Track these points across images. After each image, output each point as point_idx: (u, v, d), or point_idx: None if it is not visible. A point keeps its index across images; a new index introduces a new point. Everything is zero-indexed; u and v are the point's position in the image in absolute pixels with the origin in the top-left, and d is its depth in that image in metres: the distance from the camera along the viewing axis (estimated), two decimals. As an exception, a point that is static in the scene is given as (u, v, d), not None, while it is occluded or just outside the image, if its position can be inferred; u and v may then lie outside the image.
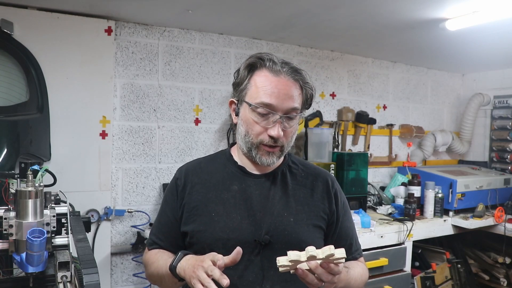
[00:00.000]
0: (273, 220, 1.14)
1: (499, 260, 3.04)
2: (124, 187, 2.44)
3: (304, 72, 1.18)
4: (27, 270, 1.13)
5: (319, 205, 1.22)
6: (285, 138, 1.14)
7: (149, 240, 1.29)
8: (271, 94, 1.10)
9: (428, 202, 2.85)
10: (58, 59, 2.19)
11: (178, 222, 1.22)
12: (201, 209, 1.17)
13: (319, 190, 1.24)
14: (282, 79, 1.12)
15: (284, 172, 1.23)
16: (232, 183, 1.20)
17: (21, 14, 2.09)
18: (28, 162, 1.46)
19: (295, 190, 1.21)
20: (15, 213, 1.16)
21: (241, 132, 1.17)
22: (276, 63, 1.14)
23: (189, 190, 1.21)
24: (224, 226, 1.13)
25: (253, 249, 1.11)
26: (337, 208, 1.25)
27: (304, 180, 1.25)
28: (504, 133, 3.51)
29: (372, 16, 2.23)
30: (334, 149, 3.01)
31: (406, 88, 3.58)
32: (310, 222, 1.18)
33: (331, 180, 1.27)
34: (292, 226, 1.15)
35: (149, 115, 2.50)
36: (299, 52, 2.99)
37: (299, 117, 1.16)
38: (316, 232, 1.19)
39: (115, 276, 2.43)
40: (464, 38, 2.56)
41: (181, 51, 2.58)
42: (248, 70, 1.17)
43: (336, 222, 1.24)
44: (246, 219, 1.14)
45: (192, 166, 1.27)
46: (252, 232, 1.12)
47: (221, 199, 1.17)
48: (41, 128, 2.11)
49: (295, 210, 1.18)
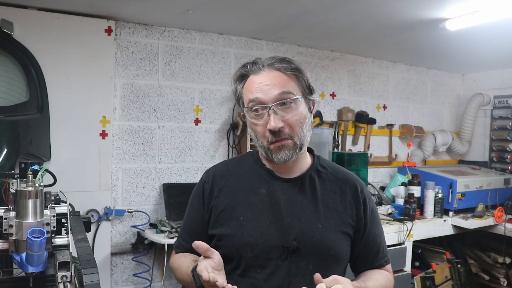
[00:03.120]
0: (301, 226, 1.12)
1: (499, 260, 3.04)
2: (124, 187, 2.44)
3: (289, 59, 1.14)
4: (27, 270, 1.13)
5: (348, 212, 1.19)
6: (291, 128, 1.10)
7: (176, 242, 1.29)
8: (255, 90, 1.11)
9: (428, 202, 2.85)
10: (58, 59, 2.19)
11: (204, 225, 1.21)
12: (229, 213, 1.16)
13: (348, 196, 1.21)
14: (263, 75, 1.12)
15: (312, 177, 1.21)
16: (260, 186, 1.18)
17: (21, 14, 2.09)
18: (28, 162, 1.46)
19: (323, 195, 1.19)
20: (15, 213, 1.16)
21: (254, 139, 1.16)
22: (257, 63, 1.14)
23: (216, 193, 1.19)
24: (252, 230, 1.12)
25: (280, 255, 1.10)
26: (365, 214, 1.22)
27: (333, 185, 1.22)
28: (504, 133, 3.51)
29: (372, 16, 2.23)
30: (334, 149, 3.01)
31: (406, 88, 3.58)
32: (338, 229, 1.16)
33: (360, 186, 1.24)
34: (320, 232, 1.13)
35: (149, 115, 2.50)
36: (299, 52, 2.99)
37: (300, 101, 1.11)
38: (344, 239, 1.17)
39: (115, 276, 2.43)
40: (464, 38, 2.56)
41: (181, 51, 2.58)
42: (239, 82, 1.19)
43: (363, 229, 1.21)
44: (274, 224, 1.12)
45: (220, 169, 1.25)
46: (280, 238, 1.11)
47: (249, 203, 1.16)
48: (41, 128, 2.11)
49: (324, 217, 1.16)
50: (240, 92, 1.18)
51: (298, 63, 1.15)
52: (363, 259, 1.23)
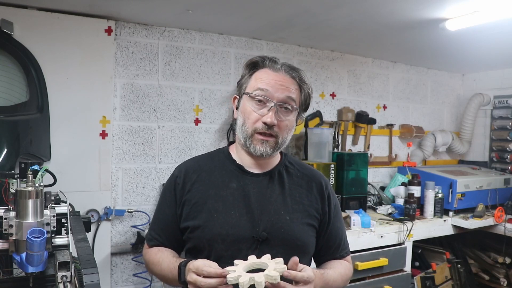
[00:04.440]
0: (270, 217, 1.19)
1: (499, 260, 3.04)
2: (124, 187, 2.44)
3: (303, 73, 1.24)
4: (27, 270, 1.13)
5: (313, 205, 1.27)
6: (280, 129, 1.19)
7: (148, 235, 1.32)
8: (267, 83, 1.18)
9: (428, 202, 2.85)
10: (58, 59, 2.19)
11: (176, 219, 1.25)
12: (201, 206, 1.20)
13: (314, 191, 1.29)
14: (280, 74, 1.20)
15: (281, 172, 1.28)
16: (231, 181, 1.23)
17: (21, 14, 2.09)
18: (28, 162, 1.46)
19: (291, 189, 1.26)
20: (15, 213, 1.16)
21: (239, 123, 1.22)
22: (277, 63, 1.23)
23: (189, 188, 1.24)
24: (223, 222, 1.17)
25: (250, 245, 1.16)
26: (329, 209, 1.30)
27: (300, 180, 1.29)
28: (504, 133, 3.51)
29: (372, 16, 2.23)
30: (334, 149, 3.01)
31: (406, 88, 3.58)
32: (304, 221, 1.23)
33: (325, 183, 1.33)
34: (288, 224, 1.20)
35: (149, 115, 2.50)
36: (299, 52, 2.99)
37: (295, 113, 1.22)
38: (310, 231, 1.25)
39: (115, 276, 2.43)
40: (464, 38, 2.56)
41: (181, 51, 2.58)
42: (250, 68, 1.25)
43: (328, 222, 1.29)
44: (245, 216, 1.18)
45: (191, 164, 1.31)
46: (250, 229, 1.16)
47: (220, 196, 1.21)
48: (41, 128, 2.11)
49: (291, 209, 1.22)
50: (246, 78, 1.25)
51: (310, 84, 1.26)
52: (326, 251, 1.31)
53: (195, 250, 1.20)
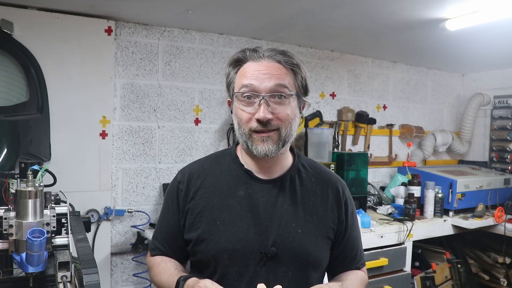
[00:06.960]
0: (280, 231, 1.08)
1: (499, 260, 3.04)
2: (124, 187, 2.44)
3: (291, 53, 1.10)
4: (27, 270, 1.13)
5: (329, 215, 1.15)
6: (280, 121, 1.05)
7: (151, 244, 1.24)
8: (250, 77, 1.06)
9: (428, 202, 2.84)
10: (58, 59, 2.18)
11: (180, 229, 1.17)
12: (205, 216, 1.11)
13: (330, 198, 1.17)
14: (262, 63, 1.07)
15: (293, 178, 1.15)
16: (238, 188, 1.12)
17: (21, 14, 2.09)
18: (28, 162, 1.46)
19: (304, 198, 1.14)
20: (15, 213, 1.16)
21: (236, 127, 1.11)
22: (257, 51, 1.09)
23: (192, 195, 1.15)
24: (230, 236, 1.07)
25: (258, 261, 1.06)
26: (346, 217, 1.18)
27: (314, 186, 1.17)
28: (504, 133, 3.51)
29: (372, 16, 2.23)
30: (334, 149, 3.01)
31: (406, 88, 3.58)
32: (318, 234, 1.12)
33: (342, 187, 1.20)
34: (300, 237, 1.09)
35: (149, 115, 2.50)
36: (299, 52, 2.99)
37: (293, 99, 1.08)
38: (324, 244, 1.14)
39: (115, 276, 2.43)
40: (464, 38, 2.56)
41: (181, 51, 2.58)
42: (233, 66, 1.14)
43: (344, 231, 1.18)
44: (253, 228, 1.08)
45: (196, 168, 1.21)
46: (258, 243, 1.07)
47: (226, 205, 1.11)
48: (41, 128, 2.11)
49: (304, 220, 1.11)
50: (233, 77, 1.13)
51: (299, 60, 1.11)
52: (340, 262, 1.21)
53: (199, 265, 1.13)
